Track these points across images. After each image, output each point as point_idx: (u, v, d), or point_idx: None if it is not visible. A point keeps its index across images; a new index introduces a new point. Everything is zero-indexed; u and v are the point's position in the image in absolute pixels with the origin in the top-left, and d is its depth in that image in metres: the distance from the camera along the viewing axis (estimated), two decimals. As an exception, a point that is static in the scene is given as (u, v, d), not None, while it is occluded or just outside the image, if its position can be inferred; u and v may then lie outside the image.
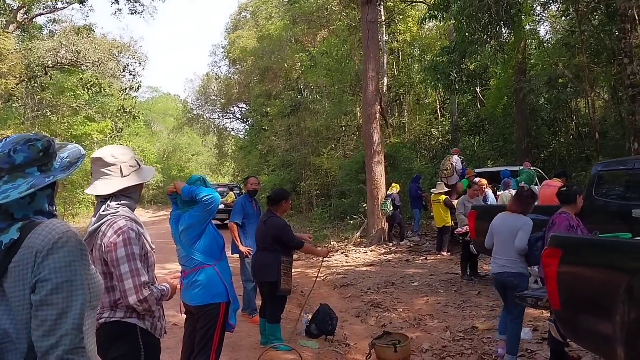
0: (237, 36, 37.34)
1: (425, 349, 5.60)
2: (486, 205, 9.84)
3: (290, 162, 25.00)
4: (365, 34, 14.14)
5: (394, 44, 23.41)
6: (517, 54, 16.01)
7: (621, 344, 3.23)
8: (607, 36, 14.92)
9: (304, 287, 9.47)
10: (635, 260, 3.26)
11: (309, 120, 23.81)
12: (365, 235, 14.72)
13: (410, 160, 19.19)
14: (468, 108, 22.65)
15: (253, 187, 6.79)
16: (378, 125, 14.50)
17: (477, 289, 8.26)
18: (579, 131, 18.18)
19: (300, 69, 26.55)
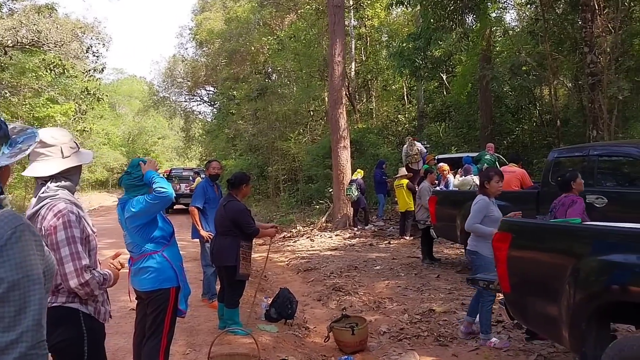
0: (204, 18, 36.81)
1: (383, 332, 5.68)
2: (446, 190, 9.99)
3: (257, 146, 24.90)
4: (332, 18, 14.10)
5: (362, 30, 23.41)
6: (482, 41, 16.17)
7: (567, 326, 3.34)
8: (570, 25, 15.21)
9: (268, 271, 9.50)
10: (581, 245, 3.36)
11: (277, 105, 23.70)
12: (331, 220, 14.81)
13: (377, 145, 19.29)
14: (434, 95, 22.84)
15: (215, 171, 6.73)
16: (345, 110, 14.53)
17: (436, 272, 8.42)
18: (541, 118, 18.53)
19: (268, 53, 26.35)
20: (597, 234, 3.36)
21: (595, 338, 3.23)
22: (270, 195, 24.27)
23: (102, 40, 27.94)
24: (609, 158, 6.75)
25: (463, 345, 5.11)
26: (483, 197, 5.15)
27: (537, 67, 15.55)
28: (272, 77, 29.47)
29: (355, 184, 13.44)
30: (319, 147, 20.10)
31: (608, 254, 3.12)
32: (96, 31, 28.29)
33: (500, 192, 5.26)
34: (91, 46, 27.44)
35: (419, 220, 9.55)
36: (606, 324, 3.34)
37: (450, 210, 8.41)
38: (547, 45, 14.93)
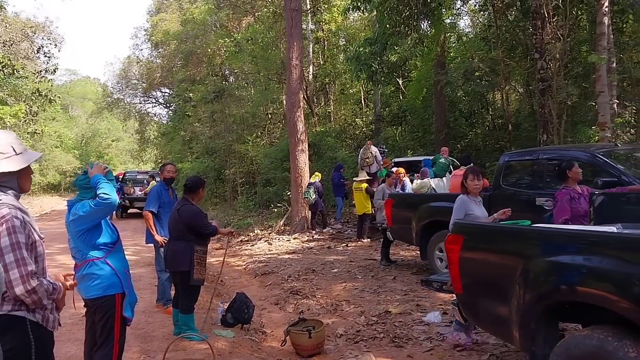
0: (160, 19, 36.30)
1: (340, 334, 5.72)
2: (403, 193, 10.13)
3: (214, 149, 24.65)
4: (289, 22, 14.12)
5: (320, 33, 23.50)
6: (436, 47, 16.47)
7: (517, 326, 3.44)
8: (521, 32, 15.65)
9: (225, 276, 9.43)
10: (530, 246, 3.47)
11: (234, 107, 23.55)
12: (289, 223, 14.81)
13: (335, 149, 19.39)
14: (391, 99, 23.12)
15: (170, 174, 6.64)
16: (302, 113, 14.56)
17: (393, 274, 8.52)
18: (494, 123, 18.98)
19: (225, 55, 26.17)
20: (544, 236, 3.47)
21: (544, 337, 3.33)
22: (227, 198, 24.07)
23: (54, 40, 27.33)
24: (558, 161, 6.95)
25: (418, 346, 5.19)
26: (461, 196, 5.21)
27: (489, 72, 15.93)
28: (229, 80, 29.26)
29: (313, 187, 13.47)
30: (277, 150, 20.06)
31: (556, 255, 3.23)
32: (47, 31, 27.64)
33: (479, 191, 5.31)
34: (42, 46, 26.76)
35: (378, 222, 9.65)
36: (554, 324, 3.45)
37: (406, 212, 8.53)
38: (500, 51, 15.32)
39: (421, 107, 19.67)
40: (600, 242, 3.12)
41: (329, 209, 15.60)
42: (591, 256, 3.07)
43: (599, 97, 10.94)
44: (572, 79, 14.15)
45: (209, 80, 27.27)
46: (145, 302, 6.79)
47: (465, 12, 20.16)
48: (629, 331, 2.87)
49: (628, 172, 5.94)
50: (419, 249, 8.42)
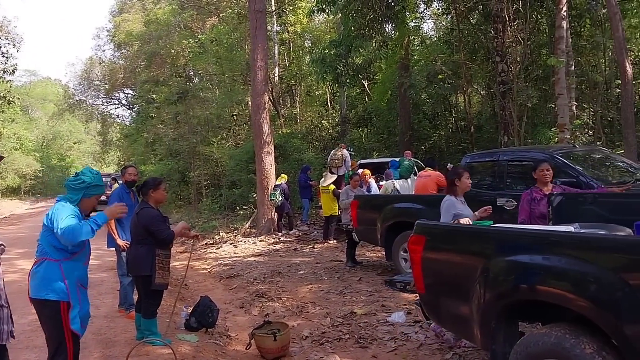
0: (122, 19, 35.74)
1: (305, 336, 5.70)
2: (368, 195, 10.18)
3: (178, 151, 24.34)
4: (253, 23, 14.05)
5: (285, 35, 23.48)
6: (400, 50, 16.63)
7: (477, 324, 3.49)
8: (483, 35, 15.95)
9: (189, 280, 9.32)
10: (490, 246, 3.52)
11: (199, 109, 23.31)
12: (255, 226, 14.72)
13: (301, 150, 19.38)
14: (356, 101, 23.26)
15: (131, 177, 6.53)
16: (268, 115, 14.50)
17: (358, 275, 8.55)
18: (457, 125, 19.29)
19: (189, 56, 25.90)
20: (504, 236, 3.53)
21: (504, 335, 3.39)
22: (192, 201, 23.80)
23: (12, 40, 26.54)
24: (518, 162, 7.10)
25: (383, 346, 5.22)
26: (450, 197, 5.25)
27: (452, 75, 16.17)
28: (194, 81, 28.97)
29: (279, 189, 13.43)
30: (243, 152, 19.94)
31: (515, 254, 3.29)
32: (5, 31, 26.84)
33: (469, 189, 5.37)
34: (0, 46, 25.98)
35: (343, 223, 9.68)
36: (514, 322, 3.51)
37: (371, 214, 8.59)
38: (462, 54, 15.57)
39: (386, 109, 19.84)
40: (558, 241, 3.19)
41: (296, 211, 15.58)
42: (549, 256, 3.13)
43: (558, 99, 11.21)
44: (532, 81, 14.48)
45: (172, 82, 26.94)
46: (108, 307, 6.67)
47: (429, 16, 20.47)
48: (585, 328, 2.94)
49: (586, 172, 6.11)
50: (384, 249, 8.48)
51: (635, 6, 14.83)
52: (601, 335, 2.86)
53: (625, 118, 10.96)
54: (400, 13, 14.51)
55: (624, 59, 10.92)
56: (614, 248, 2.94)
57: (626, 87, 10.93)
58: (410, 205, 8.10)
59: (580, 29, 15.46)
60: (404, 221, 7.71)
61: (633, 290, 2.67)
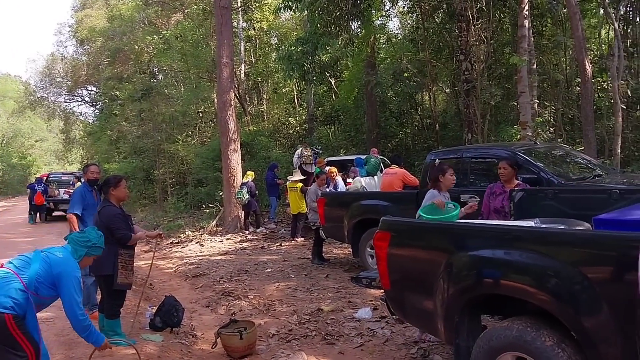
0: (85, 15, 34.96)
1: (272, 334, 5.69)
2: (335, 192, 10.20)
3: (142, 149, 23.96)
4: (219, 19, 13.92)
5: (251, 32, 23.32)
6: (366, 47, 16.69)
7: (441, 319, 3.53)
8: (447, 34, 16.13)
9: (154, 279, 9.20)
10: (453, 242, 3.57)
11: (163, 106, 23.00)
12: (221, 224, 14.60)
13: (268, 148, 19.30)
14: (324, 99, 23.26)
15: (94, 175, 6.39)
16: (234, 112, 14.39)
17: (325, 272, 8.57)
18: (422, 122, 19.49)
19: (153, 52, 25.51)
20: (466, 231, 3.57)
21: (467, 329, 3.44)
22: (157, 199, 23.47)
23: (-32, 34, 25.72)
24: (481, 160, 7.21)
25: (349, 342, 5.24)
26: (432, 191, 5.28)
27: (417, 73, 16.32)
28: (158, 77, 28.55)
29: (245, 186, 13.35)
30: (209, 150, 19.75)
31: (477, 249, 3.34)
32: (-40, 25, 25.97)
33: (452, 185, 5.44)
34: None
35: (310, 221, 9.69)
36: (477, 316, 3.57)
37: (338, 211, 8.61)
38: (427, 52, 15.73)
39: (353, 107, 19.91)
40: (519, 236, 3.25)
41: (263, 209, 15.51)
42: (511, 250, 3.19)
43: (520, 97, 11.42)
44: (496, 80, 14.72)
45: (136, 78, 26.48)
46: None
47: (394, 14, 20.57)
48: (546, 321, 3.00)
49: (547, 169, 6.24)
50: (351, 246, 8.52)
51: (594, 6, 15.21)
52: (561, 327, 2.93)
53: (585, 116, 11.23)
54: (366, 11, 14.55)
55: (583, 58, 11.18)
56: (573, 242, 3.01)
57: (586, 86, 11.19)
58: (377, 202, 8.16)
59: (542, 28, 15.76)
60: (371, 218, 7.74)
61: (591, 283, 2.73)
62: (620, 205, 4.21)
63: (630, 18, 15.64)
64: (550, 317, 2.96)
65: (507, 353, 3.08)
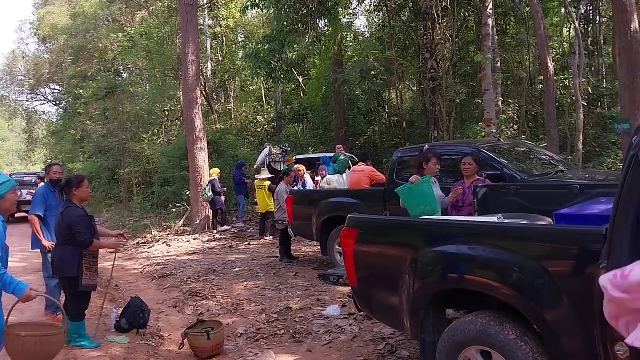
0: (47, 12, 34.09)
1: (240, 334, 5.65)
2: (303, 190, 10.20)
3: (107, 148, 23.55)
4: (184, 16, 13.77)
5: (217, 29, 23.13)
6: (334, 45, 16.71)
7: (407, 314, 3.56)
8: (413, 32, 16.26)
9: (119, 280, 9.06)
10: (418, 237, 3.60)
11: (128, 104, 22.64)
12: (188, 224, 14.46)
13: (236, 146, 19.17)
14: (291, 96, 23.21)
15: (56, 176, 6.27)
16: (200, 110, 14.27)
17: (294, 270, 8.55)
18: (390, 120, 19.61)
19: (118, 50, 25.07)
20: (431, 227, 3.61)
21: (432, 324, 3.48)
22: (122, 199, 23.09)
23: None
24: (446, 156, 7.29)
25: (317, 339, 5.25)
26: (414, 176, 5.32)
27: (384, 71, 16.43)
28: (123, 75, 28.10)
29: (210, 184, 13.25)
30: (175, 149, 19.52)
31: (442, 245, 3.37)
32: None
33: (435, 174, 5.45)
34: None
35: (278, 220, 9.66)
36: (442, 311, 3.61)
37: (306, 209, 8.61)
38: (393, 50, 15.83)
39: (321, 104, 19.91)
40: (482, 232, 3.30)
41: (231, 207, 15.40)
42: (475, 245, 3.23)
43: (485, 95, 11.62)
44: (460, 77, 14.91)
45: (100, 76, 25.97)
46: (34, 311, 6.36)
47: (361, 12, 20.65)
48: (509, 315, 3.05)
49: (510, 165, 6.35)
50: (320, 244, 8.53)
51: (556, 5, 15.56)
52: (523, 321, 2.98)
53: (547, 112, 11.49)
54: (332, 9, 14.57)
55: (545, 56, 11.42)
56: (534, 237, 3.07)
57: (548, 83, 11.45)
58: (345, 199, 8.19)
59: (505, 27, 16.05)
60: (339, 215, 7.75)
61: (552, 277, 2.79)
62: (580, 200, 4.31)
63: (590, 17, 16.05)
64: (513, 310, 3.00)
65: (471, 347, 3.12)
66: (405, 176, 7.43)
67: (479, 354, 3.11)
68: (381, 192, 7.62)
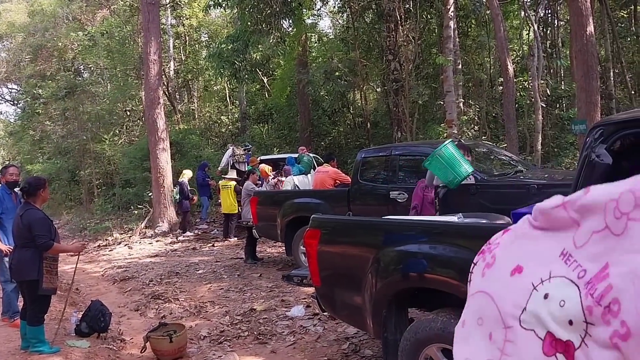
0: (3, 9, 33.04)
1: (203, 336, 5.60)
2: (267, 191, 10.17)
3: (67, 149, 23.00)
4: (146, 16, 13.57)
5: (180, 29, 22.88)
6: (298, 46, 16.73)
7: (370, 314, 3.59)
8: (377, 34, 16.39)
9: (80, 283, 8.88)
10: (380, 237, 3.63)
11: (89, 104, 22.15)
12: (151, 226, 14.24)
13: (199, 147, 18.98)
14: (256, 97, 23.13)
15: (13, 178, 6.09)
16: (163, 110, 14.08)
17: (258, 271, 8.53)
18: (354, 121, 19.73)
19: (78, 49, 24.54)
20: (393, 227, 3.65)
21: (395, 323, 3.51)
22: (83, 201, 22.59)
23: None
24: (410, 157, 7.38)
25: (282, 341, 5.24)
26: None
27: (349, 72, 16.50)
28: (83, 75, 27.51)
29: (179, 186, 13.11)
30: (137, 149, 19.18)
31: (404, 244, 3.41)
32: None
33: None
34: None
35: (244, 220, 9.62)
36: (404, 310, 3.65)
37: (271, 210, 8.58)
38: (358, 52, 15.92)
39: (286, 105, 19.90)
40: (443, 231, 3.34)
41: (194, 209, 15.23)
42: (436, 245, 3.27)
43: (446, 96, 11.79)
44: (423, 79, 15.10)
45: (60, 76, 25.33)
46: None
47: (325, 14, 20.74)
48: (468, 312, 3.10)
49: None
50: (284, 245, 8.52)
51: (516, 8, 15.90)
52: (483, 318, 3.03)
53: (507, 114, 11.73)
54: (296, 10, 14.60)
55: (505, 58, 11.67)
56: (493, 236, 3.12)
57: (508, 85, 11.70)
58: (309, 200, 8.20)
59: (467, 29, 16.31)
60: (304, 216, 7.76)
61: (509, 274, 2.84)
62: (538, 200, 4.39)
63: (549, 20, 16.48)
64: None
65: (432, 345, 3.16)
66: (370, 177, 7.52)
67: (440, 352, 3.15)
68: (345, 192, 7.66)
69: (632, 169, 2.06)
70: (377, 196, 7.19)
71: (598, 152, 2.33)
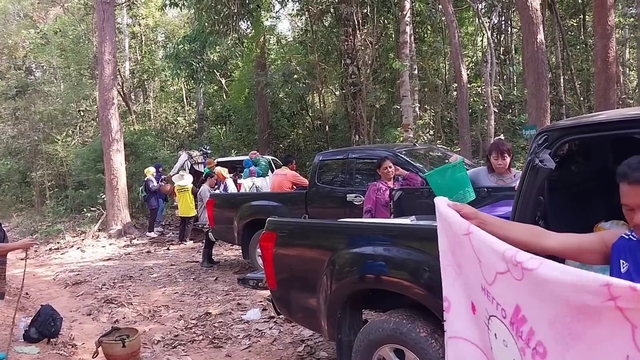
0: (-49, 5, 31.90)
1: (157, 341, 5.52)
2: (224, 193, 10.11)
3: (18, 150, 22.28)
4: (100, 15, 13.28)
5: (136, 28, 22.50)
6: (256, 48, 16.70)
7: (324, 316, 3.62)
8: (335, 37, 16.52)
9: (31, 288, 8.61)
10: (336, 240, 3.67)
11: (41, 104, 21.52)
12: (104, 228, 13.92)
13: (155, 148, 18.66)
14: (214, 98, 22.94)
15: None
16: (117, 111, 13.80)
17: (214, 275, 8.47)
18: (313, 124, 19.80)
19: (30, 47, 23.83)
20: (348, 230, 3.69)
21: (349, 325, 3.56)
22: (34, 203, 21.90)
23: None
24: (367, 160, 7.46)
25: (237, 344, 5.22)
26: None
27: (307, 75, 16.56)
28: (35, 74, 26.72)
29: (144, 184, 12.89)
30: (90, 150, 18.68)
31: (359, 247, 3.45)
32: None
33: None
34: None
35: (201, 223, 9.53)
36: (358, 311, 3.69)
37: (228, 212, 8.53)
38: (316, 55, 16.00)
39: (244, 107, 19.82)
40: (397, 233, 3.40)
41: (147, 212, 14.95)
42: (389, 247, 3.33)
43: (403, 100, 11.98)
44: (381, 83, 15.29)
45: (10, 74, 24.55)
46: None
47: (284, 16, 20.76)
48: (420, 313, 3.17)
49: (424, 169, 6.58)
50: (241, 248, 8.47)
51: (471, 15, 16.27)
52: (434, 319, 3.10)
53: (461, 118, 12.00)
54: (255, 11, 14.57)
55: (459, 64, 11.93)
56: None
57: (461, 90, 11.96)
58: (267, 202, 8.18)
59: (423, 35, 16.60)
60: (261, 219, 7.73)
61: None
62: (488, 202, 4.53)
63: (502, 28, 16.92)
64: (425, 309, 3.12)
65: (385, 345, 3.21)
66: (327, 180, 7.57)
67: (392, 352, 3.20)
68: (303, 195, 7.68)
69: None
70: (334, 199, 7.25)
71: (542, 157, 2.41)
